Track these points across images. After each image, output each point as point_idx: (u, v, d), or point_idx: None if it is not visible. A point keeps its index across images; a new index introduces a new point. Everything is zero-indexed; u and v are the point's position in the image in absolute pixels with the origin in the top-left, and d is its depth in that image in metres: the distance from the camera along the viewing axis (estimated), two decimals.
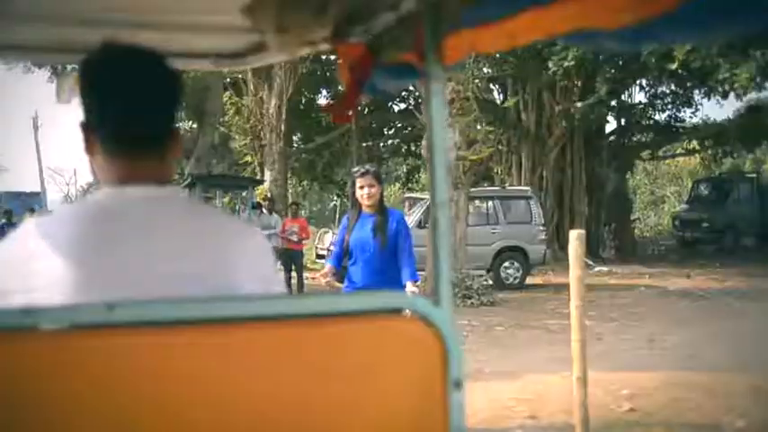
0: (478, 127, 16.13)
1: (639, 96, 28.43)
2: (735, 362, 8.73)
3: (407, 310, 1.53)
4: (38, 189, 43.79)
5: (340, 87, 2.30)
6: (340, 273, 6.09)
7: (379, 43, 2.05)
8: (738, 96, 21.14)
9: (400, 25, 1.92)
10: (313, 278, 17.46)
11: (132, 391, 1.35)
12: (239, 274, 1.65)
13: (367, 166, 6.10)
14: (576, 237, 5.55)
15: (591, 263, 20.13)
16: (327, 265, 6.42)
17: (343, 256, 6.17)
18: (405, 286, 5.65)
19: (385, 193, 36.42)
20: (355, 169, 6.15)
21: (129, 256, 1.58)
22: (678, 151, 34.82)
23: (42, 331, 1.34)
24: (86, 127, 1.70)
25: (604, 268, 21.75)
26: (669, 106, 27.10)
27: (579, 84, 23.44)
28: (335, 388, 1.44)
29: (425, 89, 1.74)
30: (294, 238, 15.83)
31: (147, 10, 2.20)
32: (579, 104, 22.59)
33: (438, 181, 1.70)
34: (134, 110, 1.66)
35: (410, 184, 32.45)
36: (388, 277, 5.71)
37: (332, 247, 6.33)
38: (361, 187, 5.91)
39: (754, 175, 30.83)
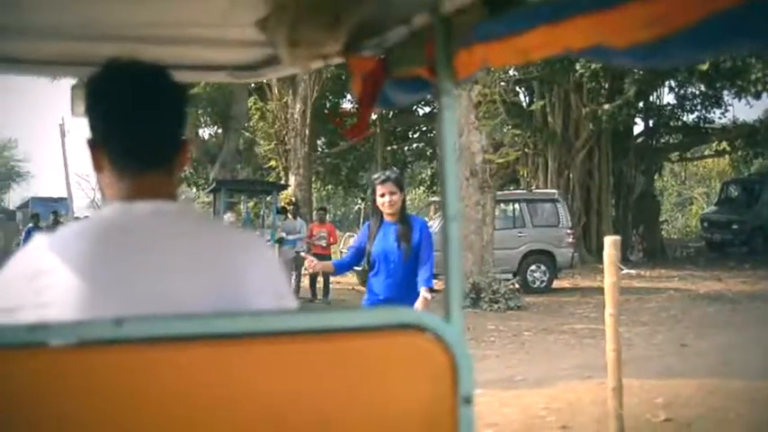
0: (505, 130, 15.96)
1: (668, 98, 28.15)
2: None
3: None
4: (64, 195, 44.08)
5: None
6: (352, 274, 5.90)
7: (392, 57, 2.05)
8: None
9: (412, 39, 1.92)
10: (338, 282, 17.49)
11: (141, 407, 1.34)
12: (250, 288, 1.64)
13: (388, 173, 5.79)
14: (611, 243, 5.40)
15: (621, 266, 19.84)
16: (330, 262, 6.25)
17: (353, 263, 6.02)
18: (424, 288, 5.44)
19: (410, 198, 36.32)
20: (376, 176, 5.82)
21: (139, 272, 1.57)
22: (707, 152, 34.42)
23: (50, 347, 1.32)
24: (93, 144, 1.70)
25: (632, 271, 21.51)
26: (698, 107, 26.77)
27: (606, 85, 23.23)
28: (345, 403, 1.44)
29: (438, 104, 1.75)
30: (323, 243, 15.82)
31: (164, 24, 2.23)
32: (607, 106, 22.36)
33: (450, 194, 1.70)
34: (140, 126, 1.67)
35: (435, 188, 32.29)
36: (412, 289, 5.48)
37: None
38: (382, 195, 5.59)
39: None
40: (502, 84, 16.13)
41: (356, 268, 6.24)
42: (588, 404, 7.13)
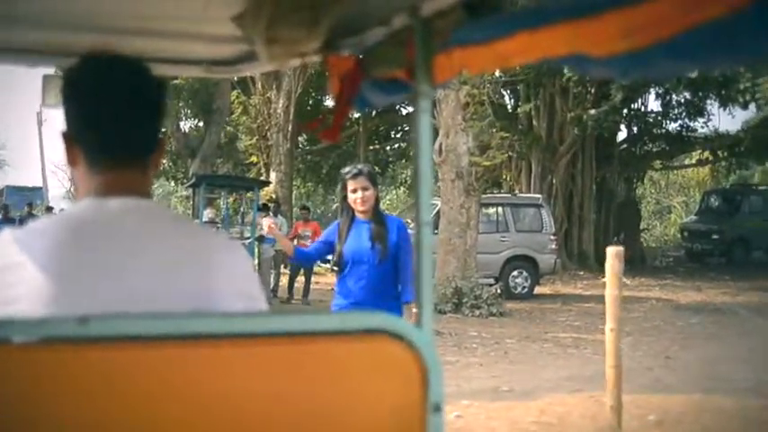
0: (492, 130, 15.74)
1: (652, 105, 28.13)
2: (761, 384, 8.34)
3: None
4: (40, 184, 43.47)
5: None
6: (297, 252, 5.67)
7: (370, 57, 2.04)
8: (760, 107, 20.82)
9: (391, 40, 1.91)
10: (317, 283, 17.21)
11: (106, 407, 1.31)
12: (221, 290, 1.62)
13: (359, 166, 5.25)
14: (614, 254, 5.19)
15: (624, 279, 19.69)
16: (292, 244, 5.84)
17: (315, 257, 5.65)
18: (403, 304, 5.00)
19: (389, 198, 36.13)
20: (346, 170, 5.24)
21: (109, 270, 1.54)
22: (689, 162, 34.48)
23: (13, 345, 1.29)
24: (68, 137, 1.67)
25: None
26: (682, 115, 26.75)
27: (592, 90, 23.12)
28: (312, 408, 1.42)
29: (415, 106, 1.76)
30: (308, 243, 15.54)
31: (141, 17, 2.21)
32: (593, 111, 22.23)
33: (423, 199, 1.71)
34: (117, 121, 1.63)
35: None
36: (386, 293, 5.04)
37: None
38: (354, 190, 5.07)
39: (766, 188, 30.53)
40: (489, 85, 15.88)
41: (335, 268, 5.81)
42: (578, 418, 6.93)
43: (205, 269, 1.62)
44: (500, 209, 18.90)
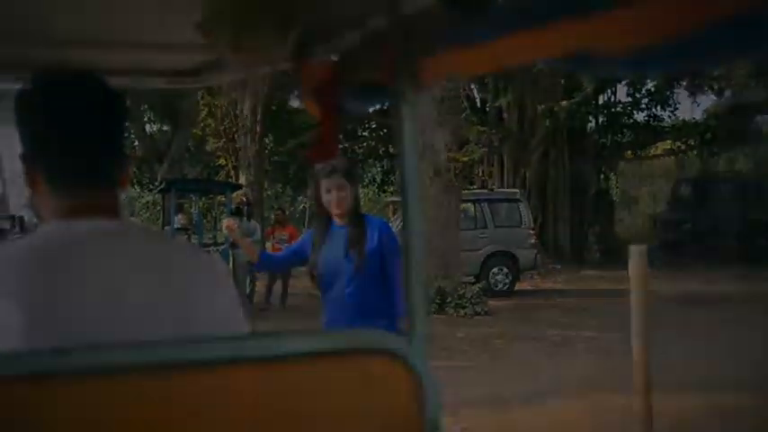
0: (468, 124, 15.45)
1: (620, 95, 28.15)
2: (758, 379, 8.09)
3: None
4: None
5: None
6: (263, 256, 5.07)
7: (347, 62, 1.92)
8: (734, 93, 20.82)
9: (370, 43, 1.79)
10: (292, 287, 16.76)
11: None
12: (201, 314, 1.55)
13: (334, 162, 4.39)
14: (638, 252, 4.86)
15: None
16: (256, 249, 5.23)
17: (284, 264, 5.26)
18: (397, 320, 4.27)
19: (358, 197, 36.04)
20: (319, 167, 4.49)
21: (79, 297, 1.46)
22: (656, 152, 34.59)
23: None
24: (27, 159, 1.59)
25: (591, 272, 21.34)
26: (650, 105, 26.80)
27: (563, 82, 22.97)
28: None
29: (397, 114, 1.62)
30: (284, 247, 15.13)
31: (98, 27, 2.10)
32: (564, 103, 22.07)
33: (412, 209, 1.63)
34: (77, 139, 1.57)
35: (386, 187, 31.85)
36: (371, 308, 4.31)
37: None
38: (329, 191, 4.40)
39: (735, 175, 30.69)
40: (463, 79, 15.58)
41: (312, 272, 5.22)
42: (593, 427, 6.59)
43: (184, 292, 1.55)
44: (477, 205, 18.62)
